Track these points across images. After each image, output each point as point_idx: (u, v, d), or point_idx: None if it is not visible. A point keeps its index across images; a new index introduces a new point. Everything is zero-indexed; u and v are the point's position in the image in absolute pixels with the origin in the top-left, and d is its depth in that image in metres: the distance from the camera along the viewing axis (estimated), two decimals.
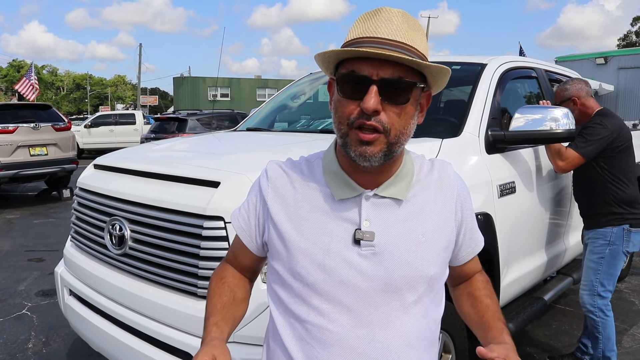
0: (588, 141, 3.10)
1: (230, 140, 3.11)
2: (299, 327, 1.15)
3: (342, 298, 1.11)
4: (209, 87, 47.94)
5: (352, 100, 1.05)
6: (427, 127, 3.13)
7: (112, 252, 2.44)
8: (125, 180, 2.52)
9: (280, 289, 1.19)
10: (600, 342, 3.27)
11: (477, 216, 2.56)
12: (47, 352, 3.80)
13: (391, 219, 1.14)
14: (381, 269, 1.12)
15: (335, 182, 1.14)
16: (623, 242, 3.18)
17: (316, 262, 1.11)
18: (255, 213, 1.23)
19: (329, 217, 1.13)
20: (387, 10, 1.07)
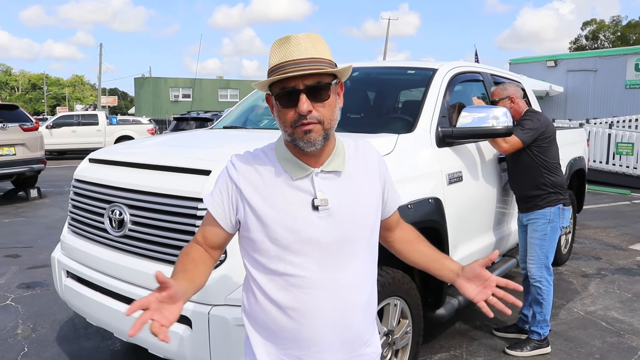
0: (525, 129, 3.67)
1: (213, 136, 3.48)
2: (278, 279, 1.50)
3: (310, 252, 1.48)
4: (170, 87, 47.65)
5: (289, 108, 1.43)
6: (386, 124, 3.60)
7: (112, 235, 2.78)
8: (122, 171, 2.86)
9: (258, 255, 1.52)
10: (543, 307, 3.80)
11: (428, 200, 3.01)
12: (37, 337, 4.07)
13: (337, 187, 1.51)
14: (336, 226, 1.48)
15: (290, 166, 1.51)
16: (559, 219, 3.77)
17: (288, 227, 1.47)
18: (228, 197, 1.52)
19: (291, 193, 1.48)
20: (294, 36, 1.43)
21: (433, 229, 3.10)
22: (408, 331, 3.05)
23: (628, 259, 6.34)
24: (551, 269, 3.84)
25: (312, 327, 1.49)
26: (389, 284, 2.75)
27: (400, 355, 3.07)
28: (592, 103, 18.40)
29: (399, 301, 2.92)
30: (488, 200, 3.85)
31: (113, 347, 3.90)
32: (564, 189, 3.82)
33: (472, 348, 3.90)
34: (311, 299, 1.48)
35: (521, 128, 3.68)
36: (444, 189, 3.19)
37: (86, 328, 4.20)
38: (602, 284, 5.39)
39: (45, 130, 20.19)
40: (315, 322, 1.48)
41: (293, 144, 1.46)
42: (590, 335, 4.15)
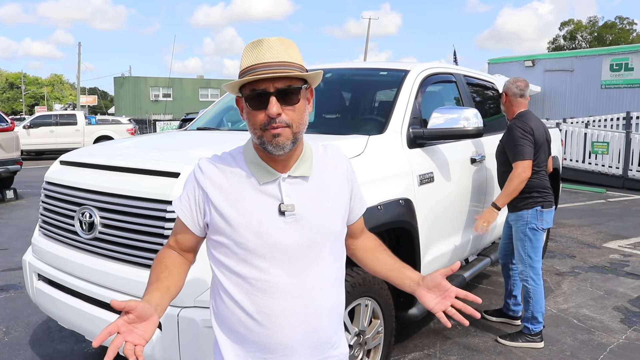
0: (524, 147, 3.71)
1: (185, 138, 3.48)
2: (244, 284, 1.50)
3: (276, 256, 1.48)
4: (150, 87, 47.27)
5: (259, 110, 1.43)
6: (357, 125, 3.62)
7: (83, 237, 2.76)
8: (93, 174, 2.85)
9: (224, 258, 1.53)
10: (530, 305, 3.91)
11: (399, 201, 3.04)
12: (10, 340, 4.03)
13: (304, 192, 1.52)
14: (302, 231, 1.49)
15: (257, 170, 1.51)
16: (538, 221, 3.84)
17: (253, 231, 1.48)
18: (195, 201, 1.53)
19: (257, 197, 1.48)
20: (266, 40, 1.45)
21: (404, 230, 3.14)
22: (380, 331, 3.08)
23: (601, 257, 6.46)
24: (537, 269, 3.91)
25: (279, 332, 1.50)
26: (359, 285, 2.78)
27: (372, 355, 3.09)
28: (569, 103, 18.68)
29: (370, 301, 2.95)
30: (460, 201, 3.90)
31: (87, 349, 3.88)
32: (545, 191, 3.88)
33: (445, 347, 3.95)
34: (277, 303, 1.49)
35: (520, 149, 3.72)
36: (415, 190, 3.22)
37: (60, 331, 4.17)
38: (575, 282, 5.48)
39: (23, 130, 19.96)
40: (282, 327, 1.49)
41: (262, 147, 1.47)
42: (562, 332, 4.22)
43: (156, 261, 1.58)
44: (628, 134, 12.59)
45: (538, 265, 3.90)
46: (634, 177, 12.38)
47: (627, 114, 13.69)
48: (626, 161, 12.51)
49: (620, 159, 12.63)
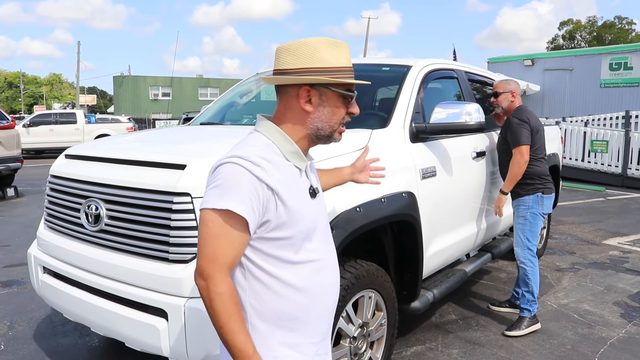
0: (521, 133, 4.00)
1: (190, 132, 3.50)
2: (302, 269, 1.57)
3: (318, 236, 1.62)
4: (150, 86, 47.25)
5: (344, 107, 1.60)
6: (360, 120, 3.63)
7: (89, 230, 2.79)
8: (98, 166, 2.87)
9: (281, 251, 1.54)
10: (530, 286, 4.16)
11: (402, 194, 3.07)
12: (14, 335, 4.05)
13: (315, 175, 1.71)
14: (323, 209, 1.68)
15: (297, 158, 1.59)
16: (539, 206, 4.11)
17: (308, 218, 1.57)
18: (259, 200, 1.45)
19: (302, 184, 1.60)
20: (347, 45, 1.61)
21: (407, 223, 3.16)
22: (383, 323, 3.10)
23: (601, 254, 6.49)
24: (534, 252, 4.19)
25: (331, 300, 1.69)
26: (363, 277, 2.80)
27: (376, 347, 3.12)
28: (569, 101, 18.70)
29: (374, 294, 2.97)
30: (462, 195, 3.92)
31: (91, 343, 3.90)
32: (545, 178, 4.15)
33: (447, 341, 3.98)
34: (328, 275, 1.66)
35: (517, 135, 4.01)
36: (418, 184, 3.24)
37: (64, 325, 4.19)
38: (575, 278, 5.51)
39: (23, 129, 19.96)
40: (333, 294, 1.69)
41: (326, 139, 1.62)
42: (563, 327, 4.25)
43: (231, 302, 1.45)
44: (627, 132, 12.63)
45: (534, 249, 4.19)
46: (633, 175, 12.41)
47: (627, 113, 13.69)
48: (625, 160, 12.54)
49: (619, 157, 12.66)
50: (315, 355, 1.67)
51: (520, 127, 4.02)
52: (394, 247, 3.34)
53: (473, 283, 5.33)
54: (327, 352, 1.74)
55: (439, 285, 3.73)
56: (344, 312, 2.74)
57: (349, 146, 2.91)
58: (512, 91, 4.22)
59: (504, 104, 4.24)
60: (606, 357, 3.72)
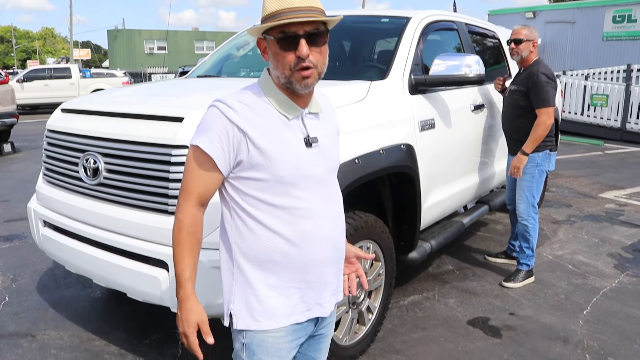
0: (549, 93, 3.85)
1: (187, 85, 3.47)
2: (284, 214, 1.59)
3: (310, 185, 1.61)
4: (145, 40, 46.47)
5: (289, 52, 1.52)
6: (359, 72, 3.61)
7: (87, 183, 2.79)
8: (96, 120, 2.85)
9: (260, 193, 1.58)
10: (530, 242, 4.19)
11: (400, 146, 3.07)
12: (18, 287, 4.11)
13: (319, 126, 1.67)
14: (324, 160, 1.65)
15: (285, 106, 1.59)
16: (546, 163, 4.07)
17: (292, 164, 1.57)
18: (229, 139, 1.53)
19: (288, 132, 1.59)
20: None
21: (405, 175, 3.17)
22: (381, 273, 3.15)
23: (597, 207, 6.54)
24: (537, 208, 4.18)
25: (318, 251, 1.65)
26: (361, 228, 2.83)
27: (374, 296, 3.18)
28: (570, 55, 18.47)
29: (372, 244, 3.01)
30: (460, 147, 3.92)
31: (93, 294, 3.97)
32: (552, 135, 4.07)
33: (444, 290, 4.05)
34: (315, 226, 1.63)
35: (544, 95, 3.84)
36: (416, 136, 3.24)
37: (66, 277, 4.25)
38: (571, 230, 5.57)
39: (16, 84, 19.71)
40: (320, 246, 1.65)
41: (287, 86, 1.56)
42: (557, 277, 4.33)
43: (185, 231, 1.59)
44: (628, 86, 12.52)
45: (537, 206, 4.18)
46: (632, 129, 12.38)
47: (628, 67, 13.54)
48: (625, 113, 12.48)
49: (619, 111, 12.60)
50: (302, 302, 1.67)
51: (549, 87, 3.85)
52: (392, 198, 3.37)
53: (470, 235, 5.39)
54: (321, 302, 1.71)
55: (436, 237, 3.77)
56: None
57: (348, 98, 2.89)
58: (534, 40, 4.01)
59: (524, 53, 4.02)
60: (598, 306, 3.80)
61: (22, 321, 3.56)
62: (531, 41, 4.00)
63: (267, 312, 1.63)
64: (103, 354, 3.16)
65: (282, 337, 1.66)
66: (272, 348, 1.66)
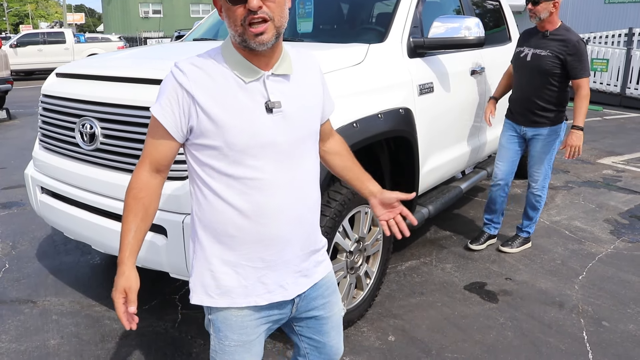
0: (587, 62, 3.66)
1: (183, 48, 3.40)
2: (237, 184, 1.50)
3: (267, 154, 1.49)
4: (140, 3, 45.68)
5: (239, 5, 1.40)
6: (357, 35, 3.56)
7: (84, 149, 2.77)
8: (91, 85, 2.81)
9: (213, 161, 1.50)
10: (538, 211, 4.15)
11: (399, 110, 3.04)
12: (17, 254, 4.13)
13: (286, 90, 1.53)
14: (289, 128, 1.52)
15: (241, 69, 1.48)
16: (563, 133, 3.91)
17: (245, 131, 1.47)
18: (179, 104, 1.46)
19: (245, 96, 1.46)
20: None
21: (403, 139, 3.15)
22: (379, 238, 3.17)
23: (595, 172, 6.55)
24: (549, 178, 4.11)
25: (274, 227, 1.54)
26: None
27: (372, 262, 3.20)
28: (571, 18, 18.21)
29: (370, 209, 3.01)
30: (459, 112, 3.89)
31: (92, 261, 3.99)
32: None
33: (441, 255, 4.08)
34: (272, 199, 1.52)
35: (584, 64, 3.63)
36: (415, 100, 3.21)
37: (65, 244, 4.27)
38: (569, 196, 5.59)
39: (10, 49, 19.43)
40: (277, 221, 1.54)
41: (243, 45, 1.44)
42: (554, 242, 4.36)
43: (132, 199, 1.54)
44: (629, 50, 12.39)
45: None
46: (632, 95, 12.31)
47: (629, 30, 13.35)
48: (625, 79, 12.39)
49: (619, 76, 12.50)
50: (260, 282, 1.58)
51: (586, 56, 3.60)
52: (390, 163, 3.35)
53: (467, 200, 5.40)
54: (284, 285, 1.61)
55: (434, 202, 3.77)
56: (340, 227, 2.78)
57: (345, 61, 2.85)
58: (555, 0, 3.63)
59: (542, 15, 3.65)
60: (594, 271, 3.83)
61: (23, 288, 3.59)
62: (551, 1, 3.60)
63: (221, 290, 1.57)
64: (103, 319, 3.19)
65: (246, 316, 1.60)
66: (236, 326, 1.60)
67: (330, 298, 1.77)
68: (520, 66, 3.86)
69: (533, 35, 3.85)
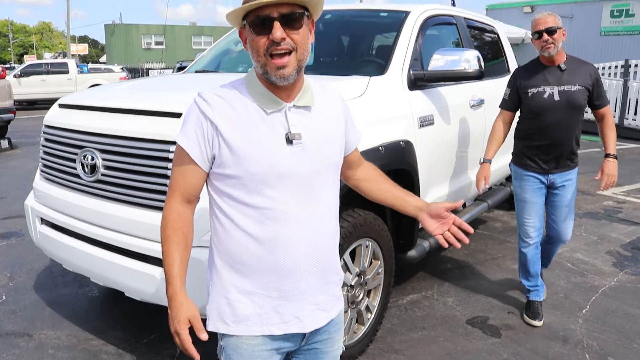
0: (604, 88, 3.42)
1: (185, 80, 3.44)
2: (255, 214, 1.52)
3: (286, 185, 1.51)
4: (142, 35, 46.30)
5: (263, 35, 1.43)
6: (358, 67, 3.59)
7: (85, 180, 2.77)
8: (93, 116, 2.83)
9: (232, 190, 1.52)
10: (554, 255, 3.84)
11: (400, 143, 3.05)
12: (15, 285, 4.08)
13: (307, 122, 1.54)
14: (308, 160, 1.53)
15: (263, 100, 1.51)
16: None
17: (265, 162, 1.49)
18: (204, 134, 1.49)
19: (266, 127, 1.49)
20: None
21: (404, 172, 3.15)
22: (380, 272, 3.14)
23: (595, 204, 6.53)
24: None
25: (290, 257, 1.54)
26: (360, 226, 2.81)
27: (373, 296, 3.16)
28: (568, 50, 18.03)
29: (371, 242, 2.99)
30: (459, 144, 3.90)
31: (90, 293, 3.95)
32: None
33: (442, 289, 4.04)
34: (288, 230, 1.53)
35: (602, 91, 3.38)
36: (416, 132, 3.22)
37: (63, 276, 4.23)
38: None
39: (14, 79, 19.64)
40: (293, 252, 1.54)
41: (265, 76, 1.48)
42: (556, 275, 4.31)
43: (170, 227, 1.55)
44: (626, 82, 12.50)
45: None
46: (630, 125, 12.37)
47: (626, 62, 13.49)
48: (622, 110, 12.47)
49: (616, 107, 12.58)
50: (275, 312, 1.57)
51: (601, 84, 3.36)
52: None
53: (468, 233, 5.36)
54: (300, 317, 1.60)
55: None
56: (341, 260, 2.76)
57: (346, 93, 2.87)
58: (563, 30, 3.35)
59: (559, 44, 3.31)
60: (598, 305, 3.79)
61: (19, 320, 3.54)
62: (562, 29, 3.33)
63: (236, 317, 1.57)
64: (100, 353, 3.14)
65: (257, 345, 1.59)
66: (247, 355, 1.59)
67: (335, 335, 1.75)
68: (545, 108, 3.32)
69: (541, 71, 3.40)
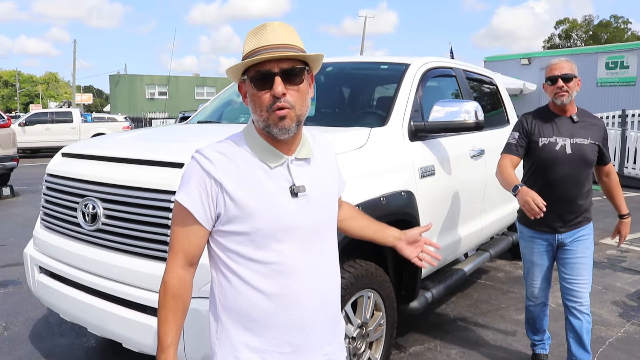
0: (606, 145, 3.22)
1: (187, 131, 3.48)
2: (263, 269, 1.50)
3: (292, 238, 1.51)
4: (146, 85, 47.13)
5: (264, 91, 1.45)
6: (359, 118, 3.64)
7: (86, 229, 2.76)
8: (95, 165, 2.85)
9: (239, 246, 1.50)
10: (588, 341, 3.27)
11: (401, 193, 3.05)
12: (10, 335, 4.02)
13: (309, 174, 1.56)
14: (312, 212, 1.54)
15: (266, 154, 1.51)
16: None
17: (272, 216, 1.48)
18: (207, 193, 1.46)
19: (270, 181, 1.49)
20: (270, 24, 1.48)
21: (405, 222, 3.14)
22: (382, 324, 3.09)
23: (598, 253, 6.48)
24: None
25: (301, 311, 1.53)
26: (362, 276, 2.78)
27: (375, 348, 3.10)
28: None
29: (373, 293, 2.96)
30: (461, 194, 3.91)
31: (87, 344, 3.87)
32: None
33: (445, 340, 3.96)
34: (296, 284, 1.52)
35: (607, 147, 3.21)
36: (417, 183, 3.23)
37: (60, 325, 4.16)
38: None
39: (19, 127, 19.89)
40: (302, 307, 1.53)
41: (266, 130, 1.48)
42: (561, 327, 4.21)
43: (170, 295, 1.52)
44: (624, 131, 12.63)
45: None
46: (630, 174, 12.43)
47: (623, 112, 13.66)
48: (622, 159, 12.56)
49: (615, 156, 12.67)
50: None
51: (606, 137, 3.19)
52: None
53: (471, 283, 5.31)
54: None
55: (437, 285, 3.72)
56: (342, 312, 2.72)
57: (348, 145, 2.90)
58: (579, 78, 3.08)
59: (574, 93, 3.05)
60: (605, 357, 3.71)
61: None
62: (577, 78, 3.05)
63: None
64: None
65: None
66: None
67: None
68: (555, 160, 3.08)
69: (552, 120, 3.13)
